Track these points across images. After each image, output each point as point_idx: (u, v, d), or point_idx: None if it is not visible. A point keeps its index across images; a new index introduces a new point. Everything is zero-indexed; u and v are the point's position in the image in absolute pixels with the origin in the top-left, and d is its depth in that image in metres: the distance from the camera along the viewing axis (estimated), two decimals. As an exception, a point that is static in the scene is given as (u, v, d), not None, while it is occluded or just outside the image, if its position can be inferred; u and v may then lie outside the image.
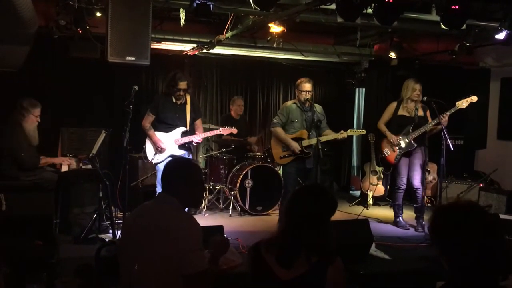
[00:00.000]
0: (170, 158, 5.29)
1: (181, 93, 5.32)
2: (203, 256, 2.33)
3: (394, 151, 5.83)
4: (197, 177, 2.61)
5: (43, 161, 5.31)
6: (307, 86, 5.47)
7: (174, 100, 5.39)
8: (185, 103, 5.46)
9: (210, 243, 2.53)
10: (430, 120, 5.70)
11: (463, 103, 5.50)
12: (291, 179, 5.53)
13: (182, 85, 5.29)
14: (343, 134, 5.48)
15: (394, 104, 5.91)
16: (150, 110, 5.42)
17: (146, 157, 5.49)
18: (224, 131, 5.84)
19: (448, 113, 5.46)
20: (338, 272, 2.11)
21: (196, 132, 5.50)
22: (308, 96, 5.50)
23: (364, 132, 5.99)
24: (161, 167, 5.32)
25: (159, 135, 5.38)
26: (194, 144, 5.46)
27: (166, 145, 5.34)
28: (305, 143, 5.46)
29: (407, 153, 5.80)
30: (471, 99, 5.51)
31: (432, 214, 1.79)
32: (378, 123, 6.01)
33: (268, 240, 2.18)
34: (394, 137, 5.78)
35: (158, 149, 5.34)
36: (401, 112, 5.82)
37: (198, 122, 5.59)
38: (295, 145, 5.43)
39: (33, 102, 5.26)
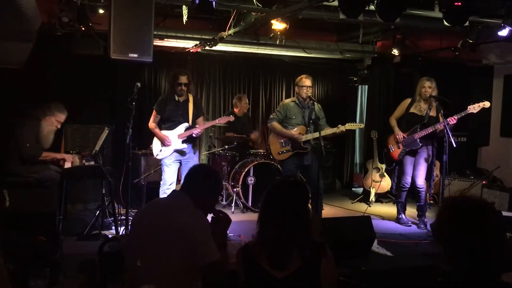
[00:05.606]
0: (174, 153, 5.39)
1: (183, 87, 5.35)
2: (214, 246, 2.42)
3: (399, 148, 5.80)
4: (219, 189, 2.88)
5: (45, 153, 5.33)
6: (307, 81, 5.51)
7: (176, 98, 5.43)
8: (187, 101, 5.48)
9: (213, 221, 2.64)
10: (441, 121, 5.46)
11: (475, 108, 5.37)
12: (291, 176, 5.53)
13: (183, 79, 5.33)
14: (340, 128, 5.46)
15: (408, 100, 5.84)
16: (154, 109, 5.52)
17: (151, 153, 5.55)
18: (221, 120, 5.83)
19: (458, 116, 5.38)
20: (331, 263, 2.16)
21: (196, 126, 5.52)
22: (309, 92, 5.52)
23: (362, 126, 5.98)
24: (166, 162, 5.39)
25: (164, 132, 5.44)
26: (194, 135, 5.45)
27: (171, 140, 5.38)
28: (303, 138, 5.48)
29: (413, 152, 5.75)
30: (484, 104, 5.38)
31: (441, 205, 1.82)
32: (390, 118, 5.98)
33: (257, 241, 2.21)
34: (400, 134, 5.75)
35: (165, 145, 5.38)
36: (412, 109, 5.75)
37: (200, 120, 5.60)
38: (293, 132, 5.45)
39: (62, 108, 5.36)
